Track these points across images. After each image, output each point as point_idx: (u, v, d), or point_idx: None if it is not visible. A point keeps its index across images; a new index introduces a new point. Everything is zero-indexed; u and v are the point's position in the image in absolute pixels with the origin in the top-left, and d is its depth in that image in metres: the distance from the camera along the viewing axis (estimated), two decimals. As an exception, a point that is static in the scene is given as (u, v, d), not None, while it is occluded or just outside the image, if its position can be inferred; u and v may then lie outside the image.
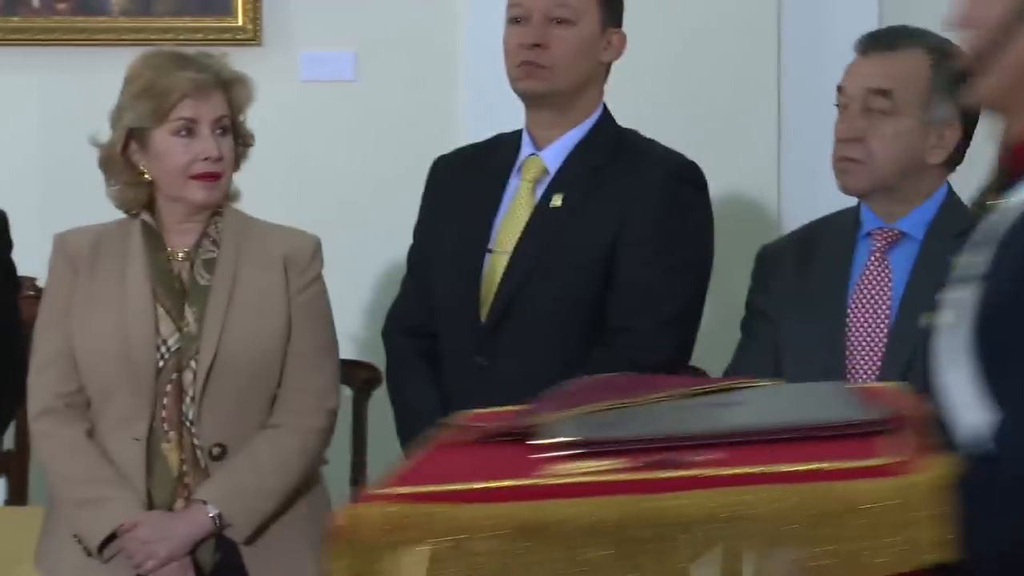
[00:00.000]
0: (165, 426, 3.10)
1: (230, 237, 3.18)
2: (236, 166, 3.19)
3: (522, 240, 3.21)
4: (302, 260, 3.20)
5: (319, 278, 3.22)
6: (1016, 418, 1.84)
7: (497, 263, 3.21)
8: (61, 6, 4.34)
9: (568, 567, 1.82)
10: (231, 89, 3.17)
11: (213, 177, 3.14)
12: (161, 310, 3.14)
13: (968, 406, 1.89)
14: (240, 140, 3.21)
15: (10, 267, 3.39)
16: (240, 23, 4.34)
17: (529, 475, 1.88)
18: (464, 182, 3.31)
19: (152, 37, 4.11)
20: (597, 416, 2.12)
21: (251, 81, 3.21)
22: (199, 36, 4.13)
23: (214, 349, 3.11)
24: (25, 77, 4.50)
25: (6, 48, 4.35)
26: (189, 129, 3.12)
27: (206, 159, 3.11)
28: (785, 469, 1.83)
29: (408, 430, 3.25)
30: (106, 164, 3.16)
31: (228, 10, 4.36)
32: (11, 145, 4.41)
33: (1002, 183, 1.98)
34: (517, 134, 3.30)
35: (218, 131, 3.14)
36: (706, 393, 2.27)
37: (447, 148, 3.43)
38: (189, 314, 3.14)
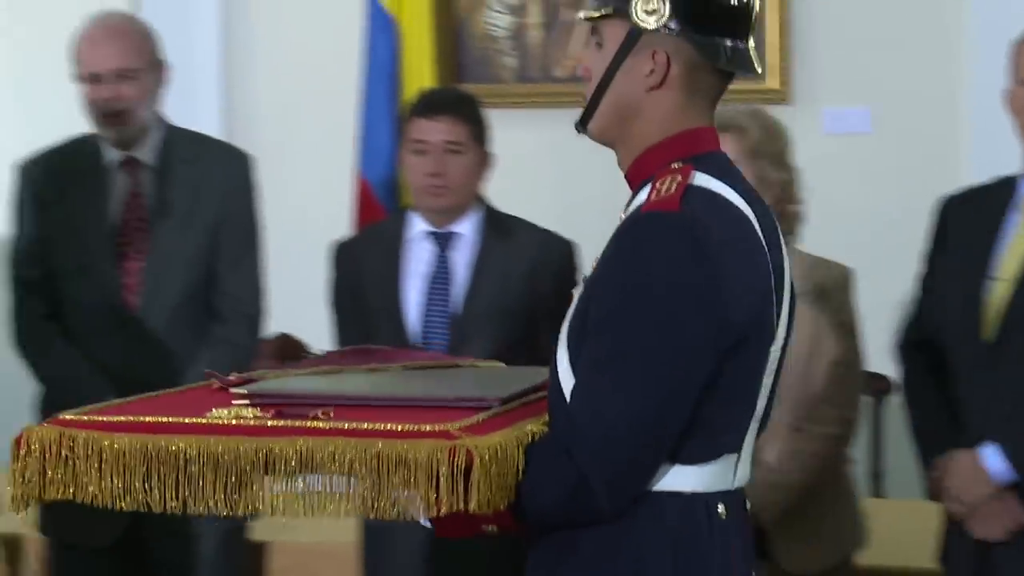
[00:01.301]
0: None
1: None
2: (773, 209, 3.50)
3: None
4: (833, 290, 3.48)
5: (847, 302, 3.48)
6: (583, 384, 2.21)
7: (999, 289, 3.40)
8: (557, 74, 4.92)
9: (176, 489, 2.15)
10: (739, 134, 3.45)
11: None
12: None
13: (567, 379, 2.23)
14: (762, 187, 3.34)
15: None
16: (771, 85, 4.76)
17: (188, 415, 2.21)
18: (967, 219, 3.51)
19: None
20: (299, 378, 2.48)
21: (759, 128, 3.47)
22: (734, 98, 4.43)
23: None
24: (535, 135, 4.93)
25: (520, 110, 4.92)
26: None
27: None
28: (363, 427, 2.13)
29: (921, 437, 3.51)
30: None
31: (760, 74, 4.84)
32: (534, 189, 4.87)
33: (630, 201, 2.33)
34: (1013, 178, 3.48)
35: None
36: (423, 368, 2.61)
37: (951, 190, 3.62)
38: None
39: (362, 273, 3.84)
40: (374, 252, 3.84)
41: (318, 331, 3.99)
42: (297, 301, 4.42)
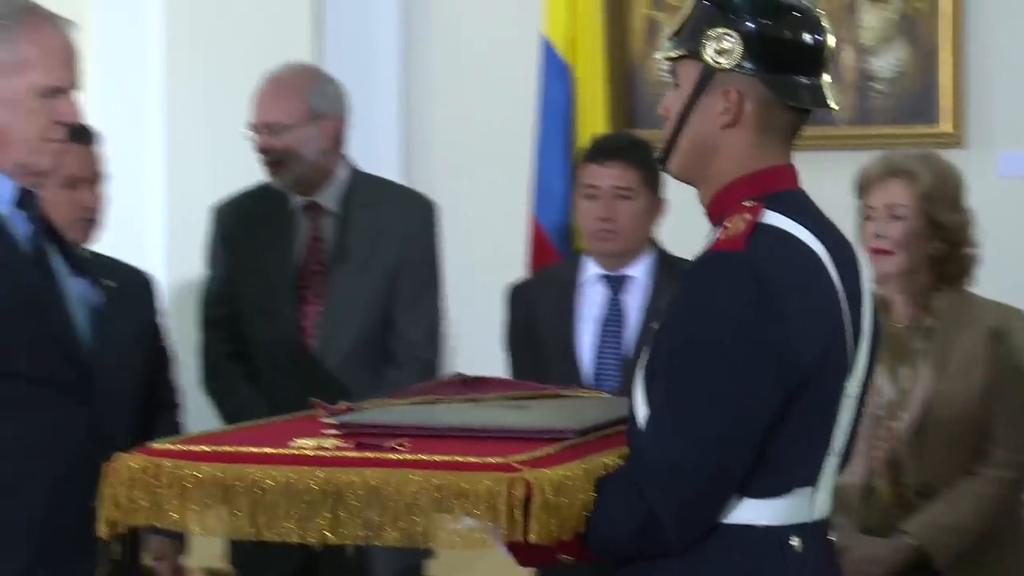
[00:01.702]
0: (878, 465, 3.45)
1: (948, 311, 3.48)
2: (947, 253, 3.46)
3: None
4: (1009, 333, 3.46)
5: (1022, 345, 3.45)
6: (653, 420, 2.24)
7: None
8: None
9: (252, 516, 2.19)
10: (909, 179, 3.46)
11: (877, 252, 3.46)
12: (880, 367, 3.38)
13: (642, 412, 2.27)
14: (934, 231, 3.45)
15: None
16: (945, 129, 4.75)
17: (271, 445, 2.25)
18: None
19: (869, 143, 4.57)
20: (393, 408, 2.53)
21: (929, 173, 3.46)
22: (908, 142, 4.44)
23: (921, 404, 3.42)
24: None
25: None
26: (867, 216, 3.54)
27: (874, 236, 3.48)
28: (431, 458, 2.17)
29: None
30: None
31: (934, 118, 4.77)
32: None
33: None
34: None
35: (890, 217, 3.46)
36: (520, 398, 2.64)
37: None
38: (902, 373, 3.46)
39: (536, 316, 3.90)
40: (548, 295, 3.91)
41: (494, 373, 4.05)
42: (473, 343, 4.49)
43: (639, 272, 3.85)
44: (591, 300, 3.86)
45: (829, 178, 3.79)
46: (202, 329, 4.12)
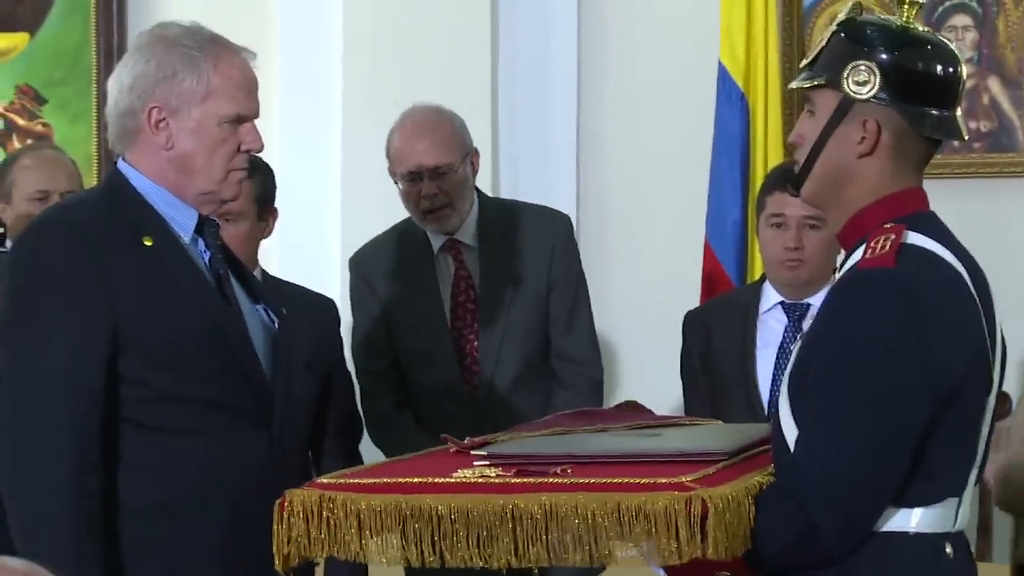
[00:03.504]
0: None
1: None
2: None
3: None
4: None
5: None
6: (806, 435, 2.32)
7: None
8: (977, 145, 4.87)
9: (432, 544, 2.24)
10: None
11: None
12: None
13: (790, 429, 2.34)
14: None
15: None
16: None
17: (436, 475, 2.32)
18: None
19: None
20: (532, 439, 2.59)
21: None
22: None
23: None
24: (944, 205, 4.95)
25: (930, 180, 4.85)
26: None
27: None
28: (602, 481, 2.23)
29: None
30: None
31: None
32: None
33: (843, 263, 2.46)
34: None
35: None
36: (645, 427, 2.70)
37: None
38: None
39: (713, 342, 3.88)
40: (726, 321, 3.90)
41: (671, 400, 4.04)
42: (648, 371, 4.46)
43: (819, 300, 3.79)
44: (770, 328, 3.84)
45: (1012, 207, 3.78)
46: (362, 381, 4.11)
